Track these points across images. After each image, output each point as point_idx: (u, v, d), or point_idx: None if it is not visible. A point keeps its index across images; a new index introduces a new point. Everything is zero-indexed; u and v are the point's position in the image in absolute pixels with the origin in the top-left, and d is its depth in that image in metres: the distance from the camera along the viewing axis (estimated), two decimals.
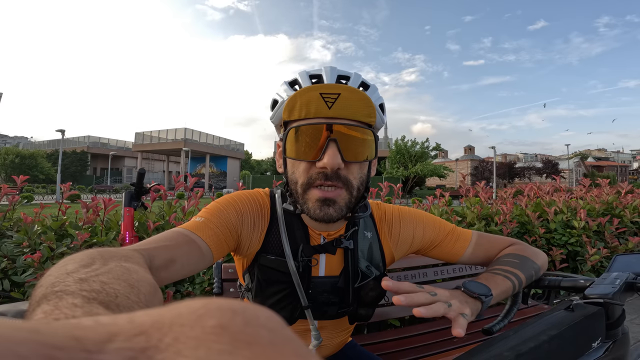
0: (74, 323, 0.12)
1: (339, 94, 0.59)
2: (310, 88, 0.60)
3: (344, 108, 0.60)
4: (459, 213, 2.44)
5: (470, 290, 0.58)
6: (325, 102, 0.59)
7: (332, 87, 0.59)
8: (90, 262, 0.32)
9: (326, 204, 0.62)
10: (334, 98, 0.59)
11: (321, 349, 0.79)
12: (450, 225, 0.81)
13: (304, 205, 0.64)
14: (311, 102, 0.60)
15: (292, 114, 0.61)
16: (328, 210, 0.62)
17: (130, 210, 1.52)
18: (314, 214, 0.63)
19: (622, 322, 0.65)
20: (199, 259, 0.59)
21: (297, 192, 0.65)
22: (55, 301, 0.24)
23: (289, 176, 0.66)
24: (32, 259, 1.42)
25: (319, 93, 0.59)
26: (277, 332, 0.12)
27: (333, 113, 0.60)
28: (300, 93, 0.60)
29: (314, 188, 0.63)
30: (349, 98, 0.60)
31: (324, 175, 0.61)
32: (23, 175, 1.82)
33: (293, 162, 0.65)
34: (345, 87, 0.60)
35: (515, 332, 0.52)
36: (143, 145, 36.84)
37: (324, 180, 0.61)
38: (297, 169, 0.64)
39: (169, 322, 0.12)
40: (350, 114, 0.60)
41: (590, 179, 3.47)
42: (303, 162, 0.63)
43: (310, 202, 0.63)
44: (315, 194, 0.62)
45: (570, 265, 2.53)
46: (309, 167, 0.63)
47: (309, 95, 0.60)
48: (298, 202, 0.65)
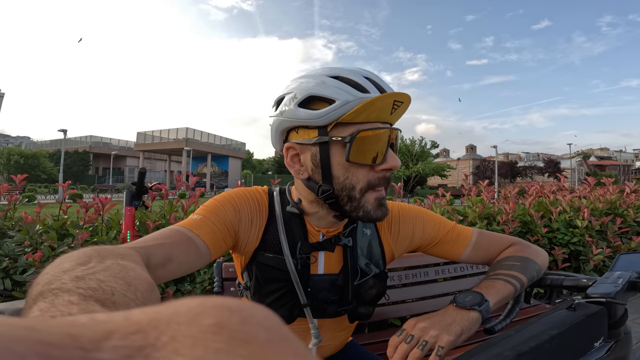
0: (70, 320, 0.12)
1: (402, 102, 0.62)
2: (388, 95, 0.60)
3: (398, 115, 0.64)
4: (460, 212, 2.44)
5: (461, 303, 0.61)
6: (393, 109, 0.62)
7: (403, 96, 0.61)
8: (87, 260, 0.32)
9: (382, 203, 0.64)
10: (398, 105, 0.62)
11: (321, 348, 0.78)
12: (451, 223, 0.81)
13: (359, 209, 0.63)
14: (384, 108, 0.61)
15: (358, 116, 0.60)
16: (384, 210, 0.65)
17: (131, 210, 1.52)
18: (374, 214, 0.64)
19: (624, 321, 0.65)
20: (196, 257, 0.58)
21: (354, 197, 0.63)
22: (52, 299, 0.24)
23: (342, 182, 0.62)
24: (33, 258, 1.42)
25: (394, 100, 0.60)
26: (275, 330, 0.12)
27: (392, 119, 0.64)
28: (380, 98, 0.59)
29: (370, 191, 0.63)
30: (404, 107, 0.63)
31: (384, 178, 0.64)
32: (26, 175, 1.83)
33: (349, 167, 0.62)
34: (408, 96, 0.62)
35: (517, 331, 0.51)
36: (145, 145, 36.91)
37: (385, 184, 0.64)
38: (355, 174, 0.62)
39: (166, 321, 0.12)
40: (398, 119, 0.65)
41: (595, 178, 3.45)
42: (365, 167, 0.62)
43: (369, 204, 0.63)
44: (373, 195, 0.64)
45: (573, 264, 2.52)
46: (369, 171, 0.63)
47: (385, 102, 0.60)
48: (348, 206, 0.64)
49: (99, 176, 40.57)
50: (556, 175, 3.76)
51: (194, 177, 1.95)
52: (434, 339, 0.56)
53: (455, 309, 0.60)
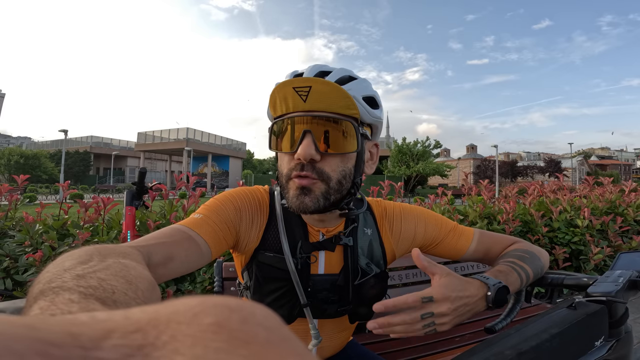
0: (71, 319, 0.12)
1: (310, 87, 0.59)
2: (285, 83, 0.61)
3: (319, 100, 0.60)
4: (461, 212, 2.44)
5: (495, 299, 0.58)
6: (300, 96, 0.60)
7: (304, 81, 0.59)
8: (88, 259, 0.32)
9: (303, 192, 0.62)
10: (306, 91, 0.60)
11: (322, 348, 0.78)
12: (452, 223, 0.80)
13: (286, 196, 0.65)
14: (287, 97, 0.61)
15: (275, 110, 0.64)
16: (304, 199, 0.62)
17: (131, 210, 1.52)
18: (291, 203, 0.64)
19: (625, 320, 0.64)
20: (197, 256, 0.58)
21: (282, 183, 0.66)
22: (52, 297, 0.24)
23: (278, 169, 0.68)
24: (34, 258, 1.43)
25: (292, 87, 0.60)
26: (274, 330, 0.12)
27: (309, 106, 0.61)
28: (277, 89, 0.62)
29: (293, 179, 0.64)
30: (321, 90, 0.60)
31: (300, 165, 0.62)
32: (28, 175, 1.83)
33: (279, 156, 0.67)
34: (316, 79, 0.59)
35: (517, 330, 0.51)
36: (145, 145, 36.90)
37: (299, 171, 0.62)
38: (282, 161, 0.66)
39: (165, 320, 0.12)
40: (326, 106, 0.61)
41: (594, 177, 3.45)
42: (286, 155, 0.65)
43: (290, 191, 0.64)
44: (294, 183, 0.63)
45: (574, 264, 2.52)
46: (290, 159, 0.64)
47: (284, 91, 0.61)
48: (283, 193, 0.67)
49: (99, 176, 40.56)
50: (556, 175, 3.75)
51: (193, 177, 1.95)
52: (440, 325, 0.55)
53: (481, 299, 0.58)
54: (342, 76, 0.65)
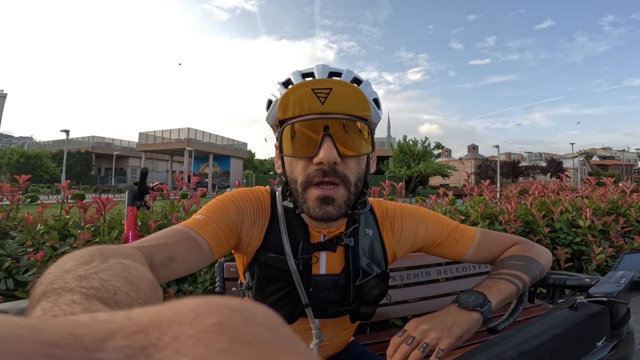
0: (73, 320, 0.12)
1: (330, 89, 0.59)
2: (302, 84, 0.60)
3: (337, 103, 0.60)
4: (462, 212, 2.43)
5: (464, 304, 0.60)
6: (318, 98, 0.59)
7: (324, 82, 0.59)
8: (90, 260, 0.32)
9: (325, 202, 0.61)
10: (326, 93, 0.59)
11: (323, 348, 0.78)
12: (454, 223, 0.80)
13: (303, 205, 0.64)
14: (304, 98, 0.60)
15: (286, 112, 0.61)
16: (327, 209, 0.61)
17: (133, 210, 1.52)
18: (313, 212, 0.62)
19: (627, 321, 0.64)
20: (199, 257, 0.58)
21: (297, 191, 0.64)
22: (54, 298, 0.24)
23: (288, 175, 0.66)
24: (35, 258, 1.43)
25: (311, 89, 0.59)
26: (276, 330, 0.12)
27: (327, 108, 0.60)
28: (292, 90, 0.60)
29: (313, 187, 0.62)
30: (342, 92, 0.59)
31: (321, 171, 0.61)
32: (30, 175, 1.83)
33: (291, 160, 0.64)
34: (337, 81, 0.60)
35: (518, 330, 0.51)
36: (147, 145, 36.96)
37: (322, 177, 0.61)
38: (296, 167, 0.64)
39: (167, 321, 0.12)
40: (344, 108, 0.60)
41: (596, 177, 3.44)
42: (301, 160, 0.63)
43: (310, 201, 0.62)
44: (315, 192, 0.62)
45: (575, 264, 2.51)
46: (306, 165, 0.62)
47: (301, 92, 0.60)
48: (298, 202, 0.65)
49: (101, 176, 40.64)
50: (558, 175, 3.74)
51: (194, 177, 1.95)
52: (435, 341, 0.56)
53: (457, 309, 0.60)
54: (352, 77, 0.65)
